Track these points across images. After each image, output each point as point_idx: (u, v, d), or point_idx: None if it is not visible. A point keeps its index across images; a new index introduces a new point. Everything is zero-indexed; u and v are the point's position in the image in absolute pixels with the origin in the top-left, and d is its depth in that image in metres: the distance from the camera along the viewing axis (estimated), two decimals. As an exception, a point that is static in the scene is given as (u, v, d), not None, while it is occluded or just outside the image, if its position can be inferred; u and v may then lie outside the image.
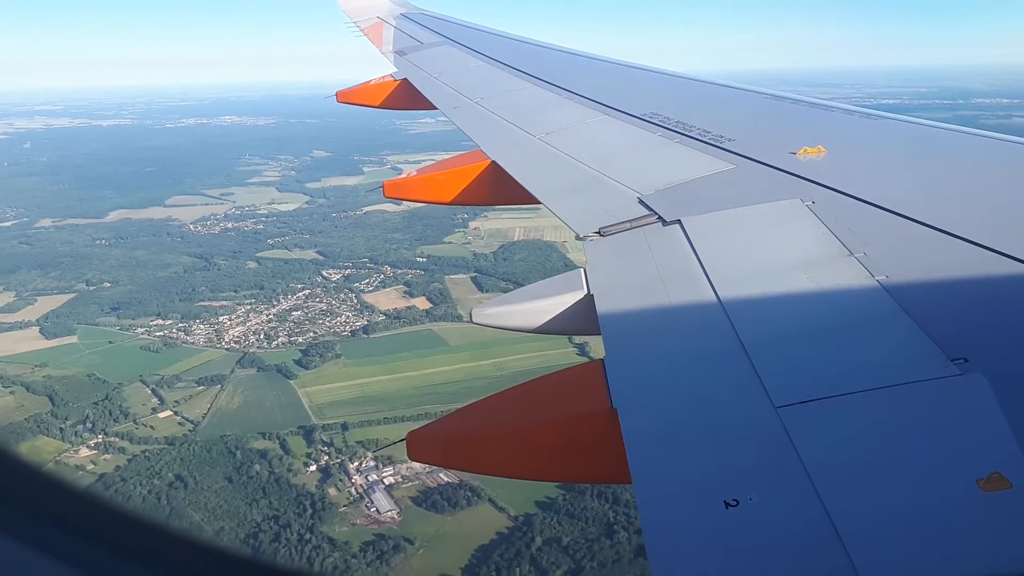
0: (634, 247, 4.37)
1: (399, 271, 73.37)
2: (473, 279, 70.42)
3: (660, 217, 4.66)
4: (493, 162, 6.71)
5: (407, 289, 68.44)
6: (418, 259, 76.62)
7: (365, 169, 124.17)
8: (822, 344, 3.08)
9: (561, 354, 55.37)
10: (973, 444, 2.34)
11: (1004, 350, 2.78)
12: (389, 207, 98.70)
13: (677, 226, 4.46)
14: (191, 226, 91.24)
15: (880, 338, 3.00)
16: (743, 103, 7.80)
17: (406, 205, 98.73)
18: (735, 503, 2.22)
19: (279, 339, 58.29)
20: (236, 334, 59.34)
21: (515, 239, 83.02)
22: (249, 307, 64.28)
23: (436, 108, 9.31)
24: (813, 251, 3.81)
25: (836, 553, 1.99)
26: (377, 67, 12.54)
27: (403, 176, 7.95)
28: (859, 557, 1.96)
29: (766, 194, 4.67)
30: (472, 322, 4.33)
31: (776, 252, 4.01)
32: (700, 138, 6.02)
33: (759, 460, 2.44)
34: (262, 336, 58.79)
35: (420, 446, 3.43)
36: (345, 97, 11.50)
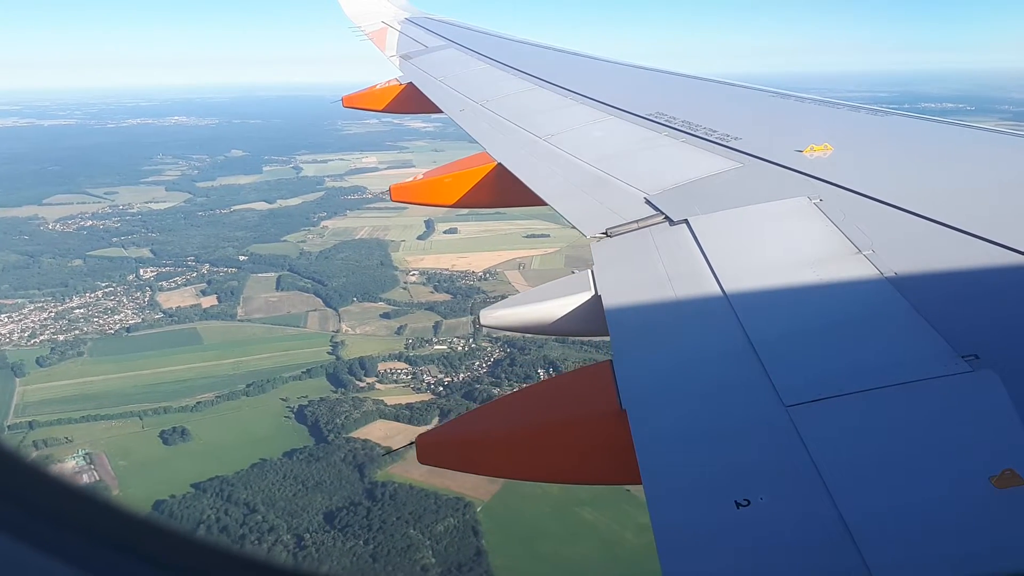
0: (641, 247, 4.35)
1: (215, 269, 72.83)
2: (279, 278, 69.84)
3: (667, 217, 4.63)
4: (499, 164, 6.71)
5: (206, 287, 67.92)
6: (240, 257, 76.05)
7: (266, 169, 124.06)
8: (831, 342, 3.05)
9: (311, 354, 54.76)
10: (985, 441, 2.31)
11: (1015, 346, 2.74)
12: (258, 206, 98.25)
13: (684, 226, 4.43)
14: (51, 224, 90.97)
15: (890, 336, 2.96)
16: (748, 102, 7.77)
17: (279, 203, 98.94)
18: (746, 503, 2.21)
19: (42, 337, 57.85)
20: (4, 332, 58.93)
21: (356, 238, 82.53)
22: (39, 305, 63.88)
23: (441, 111, 9.23)
24: (821, 249, 3.77)
25: (848, 552, 1.97)
26: (372, 68, 12.72)
27: (410, 180, 7.82)
28: (871, 556, 1.94)
29: (773, 192, 4.63)
30: (481, 324, 4.29)
31: (784, 250, 3.97)
32: (706, 137, 5.96)
33: (769, 460, 2.43)
34: (28, 334, 58.37)
35: (429, 450, 3.39)
36: (350, 102, 11.57)
